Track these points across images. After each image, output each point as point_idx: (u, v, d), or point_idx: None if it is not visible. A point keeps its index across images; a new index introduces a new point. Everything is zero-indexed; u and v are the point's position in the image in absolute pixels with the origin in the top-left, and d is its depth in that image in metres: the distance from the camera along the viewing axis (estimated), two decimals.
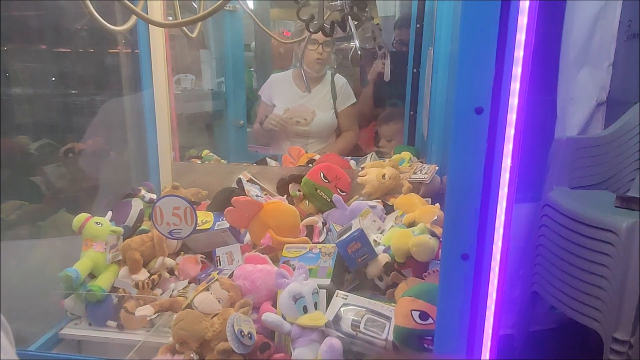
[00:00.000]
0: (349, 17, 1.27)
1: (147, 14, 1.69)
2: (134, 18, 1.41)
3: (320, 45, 2.24)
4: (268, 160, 2.12)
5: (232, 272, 1.33)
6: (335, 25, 1.32)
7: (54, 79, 2.19)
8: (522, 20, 0.74)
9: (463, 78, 0.76)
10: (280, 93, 2.42)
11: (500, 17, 0.74)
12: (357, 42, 1.28)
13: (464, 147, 0.77)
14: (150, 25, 1.73)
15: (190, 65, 2.59)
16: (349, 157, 2.14)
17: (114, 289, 1.36)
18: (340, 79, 2.44)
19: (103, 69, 2.13)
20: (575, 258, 1.87)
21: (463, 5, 0.75)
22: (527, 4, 0.74)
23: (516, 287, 2.32)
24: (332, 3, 1.28)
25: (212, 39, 2.69)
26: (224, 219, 1.48)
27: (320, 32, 1.34)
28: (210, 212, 1.58)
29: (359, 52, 1.32)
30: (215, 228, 1.49)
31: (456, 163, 0.78)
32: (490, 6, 0.74)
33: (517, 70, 0.77)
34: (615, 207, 1.88)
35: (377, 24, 2.18)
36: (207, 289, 1.22)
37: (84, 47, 2.09)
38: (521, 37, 0.75)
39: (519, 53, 0.76)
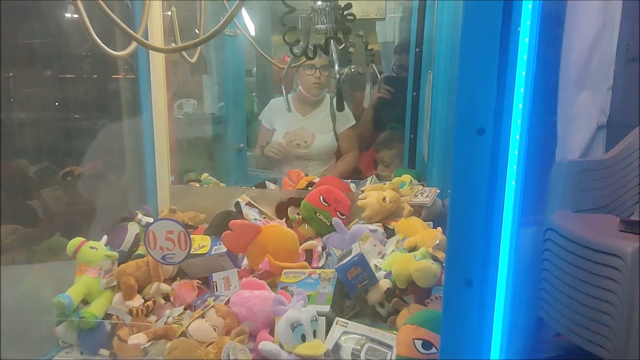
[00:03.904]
0: (332, 41, 1.28)
1: (147, 39, 1.70)
2: (134, 43, 1.41)
3: (318, 70, 2.26)
4: (267, 183, 2.10)
5: (229, 299, 1.29)
6: (318, 49, 1.33)
7: (57, 103, 2.18)
8: (524, 40, 0.73)
9: (464, 98, 0.75)
10: (280, 117, 2.42)
11: (501, 37, 0.73)
12: (336, 67, 1.30)
13: (466, 169, 0.75)
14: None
15: (192, 90, 2.60)
16: (349, 180, 2.12)
17: (107, 316, 1.33)
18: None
19: (103, 94, 2.13)
20: (580, 283, 1.83)
21: (463, 26, 0.74)
22: (529, 22, 0.73)
23: (520, 313, 2.27)
24: (317, 27, 1.29)
25: (214, 64, 2.71)
26: (221, 243, 1.45)
27: (307, 55, 1.36)
28: (207, 236, 1.55)
29: (338, 76, 1.33)
30: (212, 252, 1.46)
31: (458, 185, 0.76)
32: (491, 26, 0.73)
33: (520, 90, 0.76)
34: (620, 231, 1.86)
35: (371, 49, 2.21)
36: (202, 316, 1.18)
37: (84, 72, 2.10)
38: (523, 56, 0.74)
39: (522, 72, 0.75)
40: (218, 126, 2.71)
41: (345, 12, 1.30)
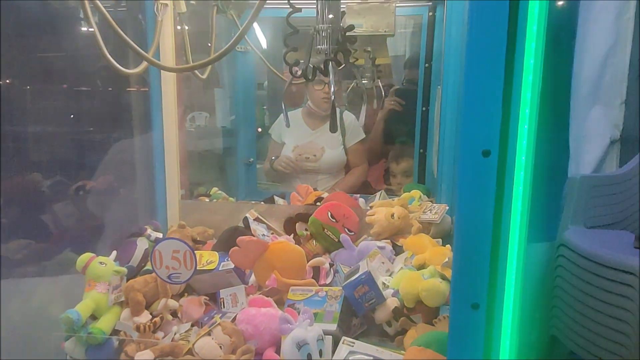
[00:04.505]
0: (330, 63, 1.29)
1: (159, 54, 1.72)
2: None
3: (327, 85, 2.27)
4: (276, 198, 2.10)
5: (236, 316, 1.29)
6: (317, 70, 1.34)
7: (70, 117, 2.21)
8: (529, 61, 0.73)
9: (469, 120, 0.74)
10: (290, 131, 2.43)
11: (506, 58, 0.73)
12: (332, 88, 1.31)
13: (471, 192, 0.74)
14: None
15: (205, 103, 2.62)
16: (358, 195, 2.11)
17: (115, 332, 1.33)
18: (349, 116, 2.45)
19: (114, 108, 2.15)
20: (594, 301, 1.80)
21: (468, 45, 0.74)
22: (533, 44, 0.72)
23: (533, 330, 2.23)
24: (318, 47, 1.30)
25: (226, 77, 2.74)
26: (229, 259, 1.45)
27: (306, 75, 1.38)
28: (215, 252, 1.55)
29: (332, 97, 1.34)
30: (219, 268, 1.46)
31: (464, 208, 0.75)
32: (496, 47, 0.72)
33: (526, 111, 0.75)
34: (635, 247, 1.82)
35: (379, 64, 2.22)
36: (208, 333, 1.18)
37: (95, 86, 2.13)
38: (529, 78, 0.73)
39: (527, 94, 0.74)
40: (229, 139, 2.72)
41: (347, 34, 1.31)
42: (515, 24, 0.72)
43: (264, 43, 2.46)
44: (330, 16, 1.31)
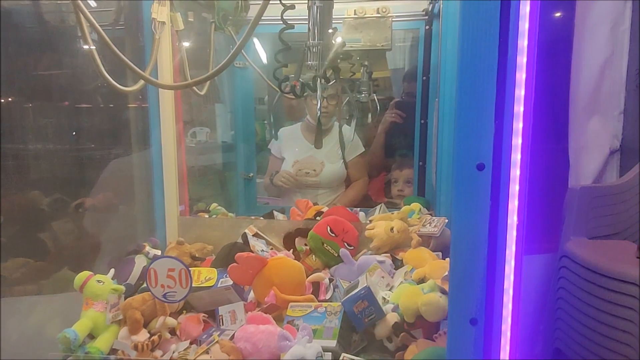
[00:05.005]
0: (319, 80, 1.30)
1: (157, 71, 1.73)
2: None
3: (325, 99, 2.28)
4: (275, 213, 2.10)
5: (234, 333, 1.28)
6: (305, 86, 1.35)
7: (67, 134, 2.22)
8: (521, 76, 0.73)
9: (462, 134, 0.75)
10: (289, 146, 2.44)
11: (497, 73, 0.73)
12: (319, 104, 1.32)
13: (466, 206, 0.74)
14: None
15: (205, 119, 2.63)
16: (358, 209, 2.11)
17: (113, 351, 1.32)
18: (348, 130, 2.45)
19: (113, 124, 2.16)
20: (598, 312, 1.78)
21: (460, 61, 0.74)
22: (524, 59, 0.73)
23: (537, 343, 2.20)
24: (308, 63, 1.31)
25: (227, 92, 2.75)
26: (227, 275, 1.44)
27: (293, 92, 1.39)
28: (214, 269, 1.54)
29: (319, 113, 1.34)
30: (218, 285, 1.45)
31: (459, 222, 0.75)
32: (488, 62, 0.73)
33: (518, 125, 0.75)
34: (637, 257, 1.81)
35: (375, 79, 2.23)
36: (207, 351, 1.17)
37: (94, 103, 2.14)
38: (520, 92, 0.74)
39: (519, 108, 0.74)
40: (229, 154, 2.73)
41: (342, 49, 1.32)
42: (506, 40, 0.72)
43: (263, 58, 2.48)
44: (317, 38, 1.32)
